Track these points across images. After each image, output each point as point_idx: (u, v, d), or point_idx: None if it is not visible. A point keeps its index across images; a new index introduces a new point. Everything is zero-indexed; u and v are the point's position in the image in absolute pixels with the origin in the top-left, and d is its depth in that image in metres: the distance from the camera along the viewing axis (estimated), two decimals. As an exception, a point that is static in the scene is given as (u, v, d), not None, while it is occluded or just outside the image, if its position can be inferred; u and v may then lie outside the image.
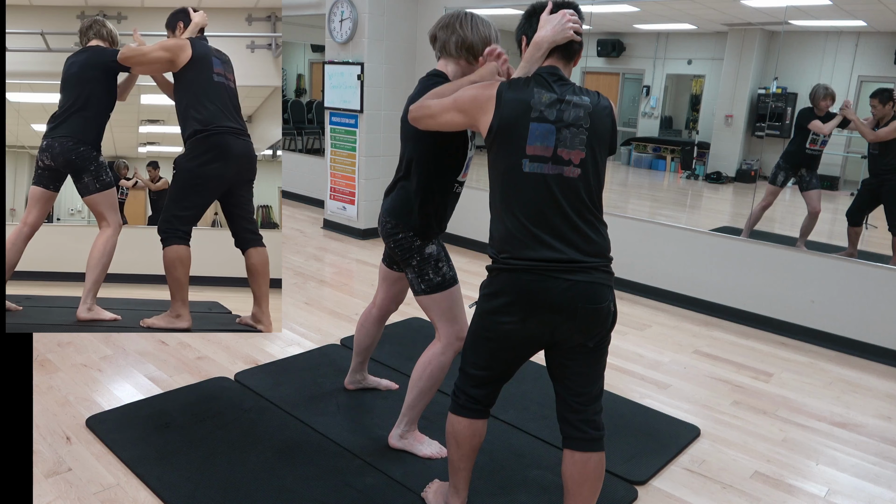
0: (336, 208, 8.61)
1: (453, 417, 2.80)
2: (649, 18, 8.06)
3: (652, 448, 3.76)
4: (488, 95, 2.52)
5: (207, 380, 4.29)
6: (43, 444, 3.51)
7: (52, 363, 4.40)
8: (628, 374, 4.73)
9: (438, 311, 3.33)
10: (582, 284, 2.43)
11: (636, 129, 9.09)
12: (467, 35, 3.14)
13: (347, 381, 4.21)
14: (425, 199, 3.21)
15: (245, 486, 3.23)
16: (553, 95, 2.48)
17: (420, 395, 3.43)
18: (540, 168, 2.45)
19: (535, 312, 2.47)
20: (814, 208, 6.16)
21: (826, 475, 3.64)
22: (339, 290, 6.34)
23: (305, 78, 14.07)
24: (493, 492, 3.27)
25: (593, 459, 2.63)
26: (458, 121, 2.64)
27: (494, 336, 2.60)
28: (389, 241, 3.31)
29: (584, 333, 2.50)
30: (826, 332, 5.46)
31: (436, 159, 3.17)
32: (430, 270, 3.27)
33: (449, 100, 2.64)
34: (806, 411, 4.34)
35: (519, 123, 2.46)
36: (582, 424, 2.62)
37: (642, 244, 6.45)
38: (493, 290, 2.56)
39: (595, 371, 2.61)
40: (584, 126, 2.48)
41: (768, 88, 7.17)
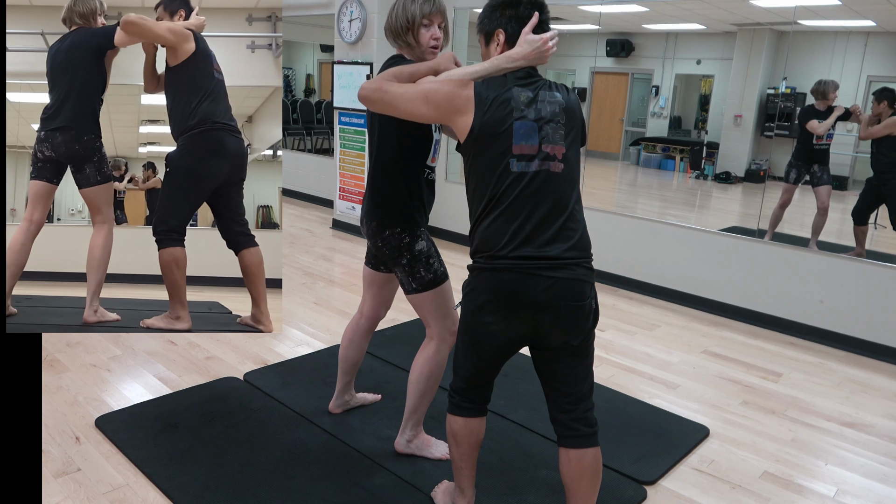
0: (345, 208, 8.62)
1: (451, 418, 2.80)
2: (658, 18, 8.07)
3: (661, 448, 3.76)
4: (466, 96, 2.49)
5: (216, 380, 4.30)
6: (52, 444, 3.52)
7: (61, 363, 4.42)
8: (637, 374, 4.73)
9: (431, 308, 3.26)
10: (564, 282, 2.42)
11: (645, 129, 9.11)
12: (393, 23, 3.11)
13: (333, 406, 3.94)
14: (398, 185, 3.14)
15: (254, 485, 3.24)
16: (529, 94, 2.48)
17: (422, 398, 3.39)
18: (527, 167, 2.44)
19: (518, 311, 2.46)
20: (822, 204, 6.16)
21: (835, 475, 3.64)
22: (348, 290, 6.36)
23: (314, 78, 14.11)
24: (503, 492, 3.27)
25: (588, 455, 2.63)
26: (426, 114, 2.58)
27: (480, 335, 2.60)
28: (376, 241, 3.23)
29: (566, 332, 2.49)
30: (835, 332, 5.46)
31: (401, 144, 3.09)
32: (422, 268, 3.19)
33: (416, 91, 2.56)
34: (815, 411, 4.33)
35: (503, 123, 2.45)
36: (573, 423, 2.62)
37: (651, 244, 6.45)
38: (473, 288, 2.55)
39: (582, 370, 2.60)
40: (561, 121, 2.49)
41: (777, 88, 7.18)
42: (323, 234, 8.54)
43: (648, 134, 9.09)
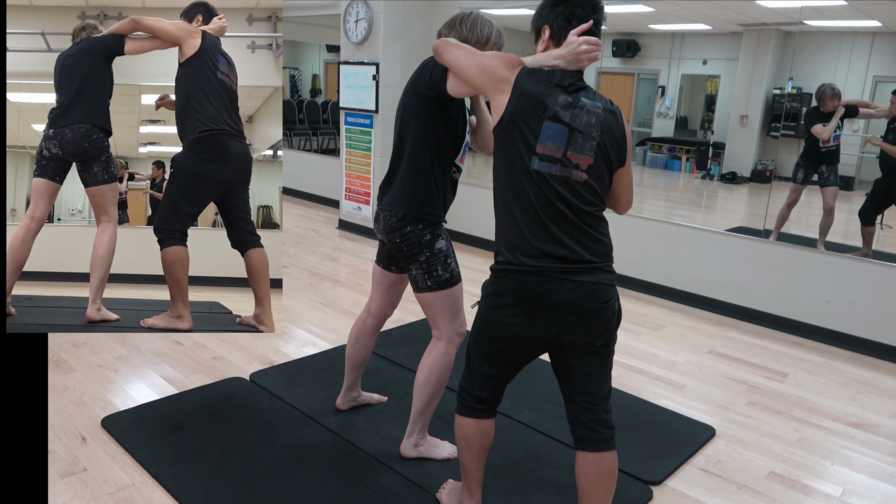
0: (351, 208, 8.63)
1: (460, 419, 2.79)
2: (664, 19, 8.07)
3: (667, 448, 3.76)
4: (506, 76, 2.46)
5: (222, 380, 4.31)
6: (58, 445, 3.52)
7: (67, 363, 4.43)
8: (643, 375, 4.73)
9: (442, 308, 3.26)
10: (587, 285, 2.42)
11: (651, 129, 9.10)
12: (464, 33, 3.10)
13: (340, 402, 4.00)
14: (428, 180, 3.13)
15: (260, 486, 3.25)
16: (568, 98, 2.42)
17: (429, 401, 3.38)
18: (548, 168, 2.41)
19: (542, 314, 2.46)
20: (828, 205, 6.17)
21: (841, 475, 3.64)
22: (354, 290, 6.37)
23: (320, 78, 14.12)
24: (509, 492, 3.28)
25: (607, 459, 2.62)
26: (475, 81, 2.58)
27: (499, 336, 2.58)
28: (395, 236, 3.18)
29: (590, 333, 2.48)
30: (841, 332, 5.45)
31: (437, 139, 3.09)
32: (440, 266, 3.18)
33: (476, 57, 2.58)
34: (821, 411, 4.33)
35: (531, 118, 2.41)
36: (594, 424, 2.60)
37: (657, 244, 6.45)
38: (497, 289, 2.54)
39: (603, 370, 2.60)
40: (595, 134, 2.43)
41: (783, 89, 7.18)
42: (329, 234, 8.56)
43: (654, 134, 9.09)
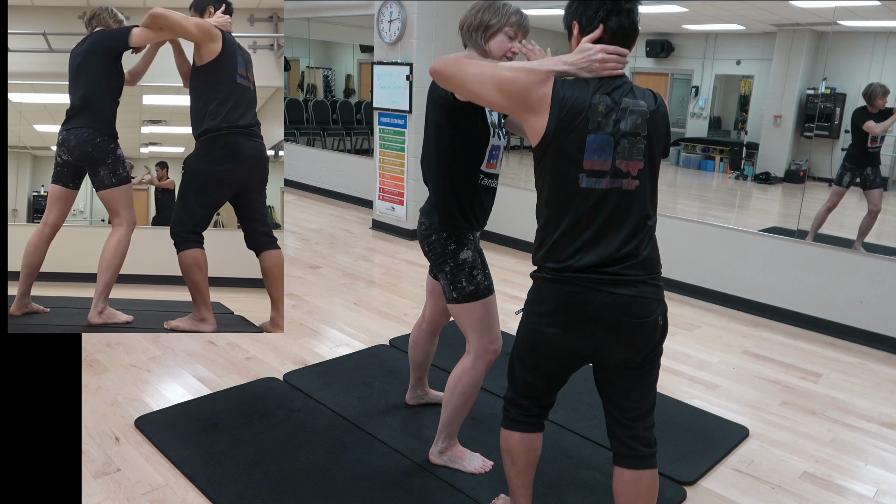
0: (385, 209, 8.69)
1: (506, 433, 2.71)
2: (698, 19, 8.05)
3: (701, 448, 3.78)
4: (541, 95, 2.25)
5: (256, 380, 4.35)
6: (92, 445, 3.56)
7: (100, 363, 4.47)
8: (677, 375, 4.75)
9: (470, 322, 3.19)
10: (626, 297, 2.30)
11: (685, 129, 9.08)
12: (480, 18, 2.98)
13: (408, 398, 4.09)
14: (447, 192, 3.07)
15: (294, 486, 3.27)
16: (608, 101, 2.24)
17: (455, 412, 3.34)
18: (598, 183, 2.26)
19: (577, 324, 2.36)
20: (875, 206, 6.14)
21: (875, 476, 3.64)
22: (387, 290, 6.42)
23: (354, 78, 14.17)
24: (543, 492, 3.30)
25: (645, 477, 2.53)
26: (496, 101, 2.36)
27: (537, 344, 2.50)
28: (424, 244, 3.18)
29: (628, 349, 2.37)
30: (875, 332, 5.43)
31: (455, 147, 3.01)
32: (464, 278, 3.13)
33: (492, 74, 2.31)
34: (855, 412, 4.33)
35: (576, 134, 2.24)
36: (631, 441, 2.52)
37: (691, 244, 6.44)
38: (536, 297, 2.46)
39: (644, 387, 2.49)
40: (643, 134, 2.28)
41: (817, 89, 7.14)
42: (363, 234, 8.62)
43: (688, 134, 9.06)
